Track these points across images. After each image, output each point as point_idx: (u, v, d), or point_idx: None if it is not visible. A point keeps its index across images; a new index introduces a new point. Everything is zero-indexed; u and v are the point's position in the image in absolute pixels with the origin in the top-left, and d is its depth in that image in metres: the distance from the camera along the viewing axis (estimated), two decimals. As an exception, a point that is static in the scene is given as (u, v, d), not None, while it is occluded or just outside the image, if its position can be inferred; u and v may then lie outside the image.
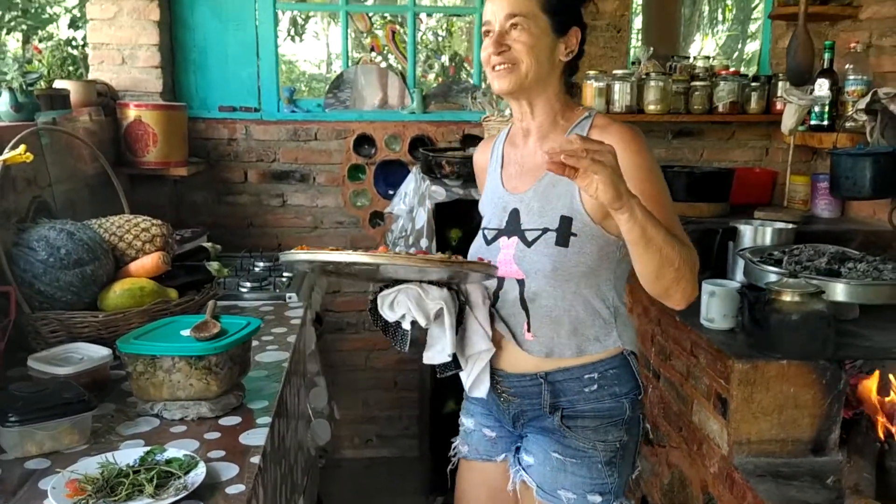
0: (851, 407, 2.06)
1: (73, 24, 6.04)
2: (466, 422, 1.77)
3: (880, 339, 2.09)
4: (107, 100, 2.90)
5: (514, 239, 1.55)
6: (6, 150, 1.85)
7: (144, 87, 3.05)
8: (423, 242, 2.71)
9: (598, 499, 1.56)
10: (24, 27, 5.44)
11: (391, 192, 3.25)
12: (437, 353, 1.51)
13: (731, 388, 1.94)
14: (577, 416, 1.55)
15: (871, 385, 2.07)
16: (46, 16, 5.73)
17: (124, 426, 1.53)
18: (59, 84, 2.57)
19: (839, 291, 2.11)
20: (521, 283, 1.53)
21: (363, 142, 3.30)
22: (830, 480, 1.82)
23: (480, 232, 1.65)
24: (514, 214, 1.57)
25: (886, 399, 2.07)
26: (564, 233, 1.49)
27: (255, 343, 1.88)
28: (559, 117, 1.57)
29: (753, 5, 9.06)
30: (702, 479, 2.14)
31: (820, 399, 1.94)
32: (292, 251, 1.45)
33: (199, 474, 1.29)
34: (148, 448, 1.37)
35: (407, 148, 3.30)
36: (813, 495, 1.79)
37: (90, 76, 3.02)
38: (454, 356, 1.53)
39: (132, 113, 2.84)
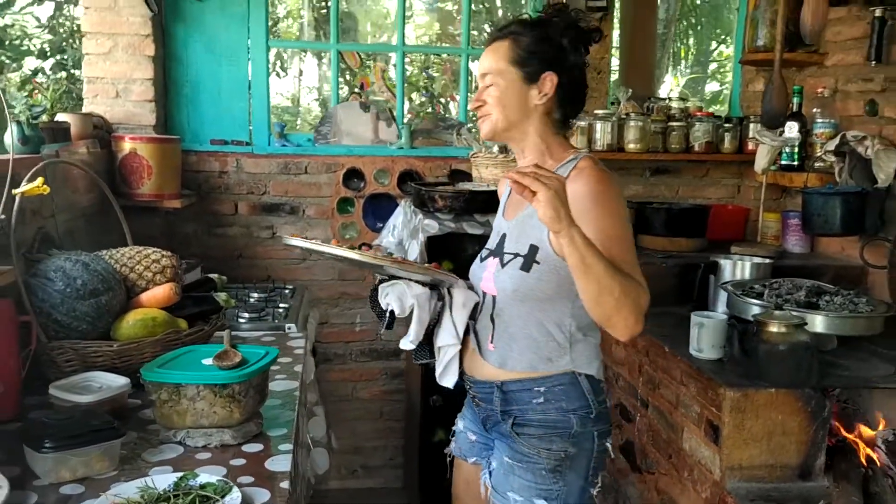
0: (833, 434, 2.17)
1: (42, 55, 6.03)
2: (459, 423, 1.97)
3: (858, 369, 2.22)
4: (102, 132, 2.93)
5: (496, 260, 1.74)
6: (24, 183, 1.89)
7: (138, 121, 3.09)
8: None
9: (543, 503, 1.68)
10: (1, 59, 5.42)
11: (379, 225, 3.32)
12: (406, 341, 1.76)
13: (724, 416, 2.03)
14: (525, 423, 1.70)
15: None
16: (25, 48, 5.72)
17: (149, 453, 1.56)
18: (59, 117, 2.60)
19: (818, 323, 2.23)
20: (493, 299, 1.73)
21: (352, 175, 3.38)
22: None
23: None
24: (503, 238, 1.76)
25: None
26: (529, 259, 1.65)
27: (266, 372, 1.92)
28: (547, 157, 1.70)
29: (712, 48, 9.46)
30: None
31: (806, 426, 2.04)
32: (293, 238, 1.70)
33: (234, 499, 1.33)
34: (181, 474, 1.41)
35: (395, 182, 3.38)
36: (803, 517, 1.89)
37: (84, 109, 3.05)
38: (430, 349, 1.80)
39: (127, 145, 2.87)
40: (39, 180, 1.87)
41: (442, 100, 5.38)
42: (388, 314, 1.72)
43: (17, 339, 1.71)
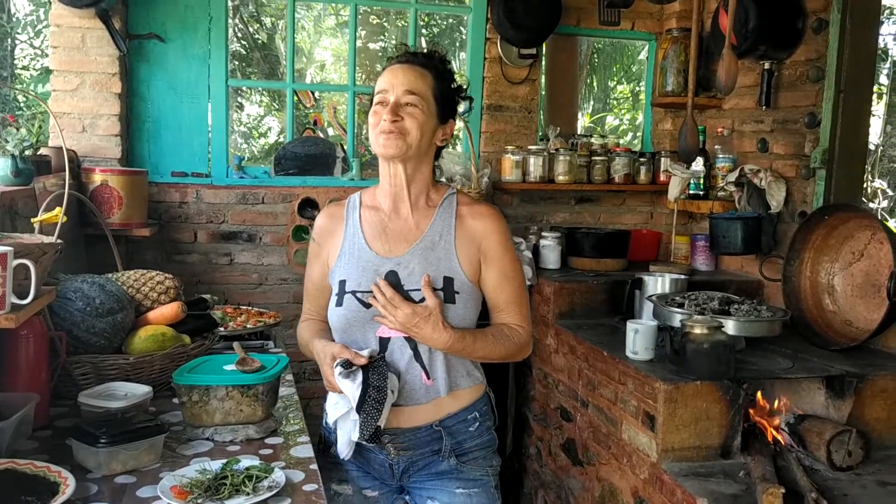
0: (745, 420, 2.56)
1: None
2: (341, 488, 1.84)
3: (763, 364, 2.63)
4: (73, 165, 3.08)
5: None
6: (41, 212, 2.07)
7: (104, 154, 3.25)
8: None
9: None
10: None
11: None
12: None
13: (658, 406, 2.39)
14: (466, 451, 1.78)
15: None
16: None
17: (182, 448, 1.76)
18: (40, 150, 2.75)
19: (731, 327, 2.64)
20: (410, 339, 1.68)
21: (307, 205, 3.62)
22: (742, 474, 2.30)
23: (348, 296, 1.71)
24: (392, 276, 1.69)
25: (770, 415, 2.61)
26: (449, 291, 1.68)
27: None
28: (431, 191, 1.77)
29: (612, 86, 10.19)
30: (632, 486, 2.57)
31: (725, 412, 2.43)
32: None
33: (279, 476, 1.57)
34: (224, 460, 1.63)
35: (347, 211, 3.63)
36: (728, 487, 2.25)
37: (50, 143, 3.18)
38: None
39: (98, 177, 3.03)
40: (57, 210, 2.05)
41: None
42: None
43: (48, 353, 1.88)
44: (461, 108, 1.89)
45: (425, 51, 1.77)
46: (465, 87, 1.81)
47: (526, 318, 1.78)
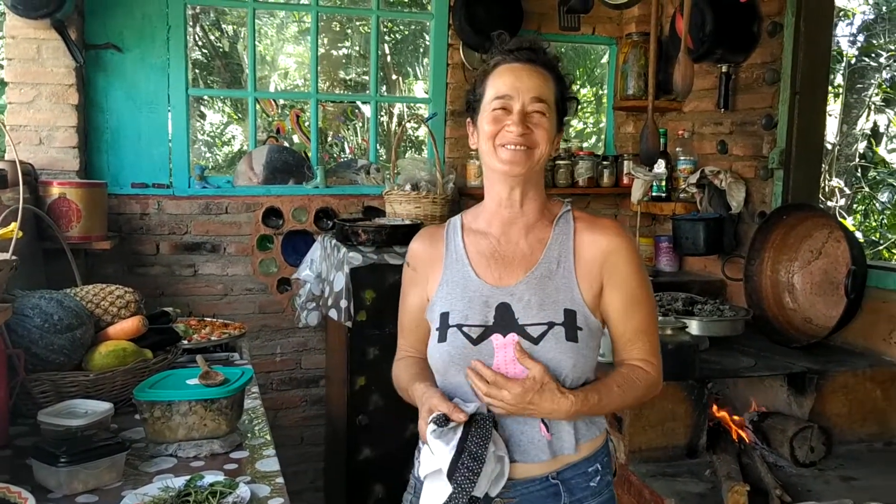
0: (710, 419, 2.60)
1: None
2: None
3: (727, 363, 2.66)
4: (29, 178, 3.02)
5: (513, 336, 1.45)
6: (-5, 227, 2.02)
7: (61, 166, 3.19)
8: (343, 303, 3.02)
9: None
10: None
11: (299, 260, 3.54)
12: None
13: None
14: None
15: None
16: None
17: (145, 465, 1.74)
18: (-4, 164, 2.69)
19: (695, 327, 2.68)
20: None
21: (271, 214, 3.59)
22: (708, 473, 2.32)
23: (452, 330, 1.49)
24: (505, 309, 1.47)
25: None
26: (572, 326, 1.45)
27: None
28: (544, 208, 1.56)
29: (574, 90, 10.30)
30: (601, 488, 2.59)
31: (690, 412, 2.45)
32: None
33: (244, 492, 1.55)
34: (188, 477, 1.61)
35: (312, 219, 3.62)
36: (694, 486, 2.28)
37: (7, 156, 3.12)
38: None
39: (56, 190, 2.97)
40: (13, 225, 2.01)
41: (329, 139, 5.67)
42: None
43: (5, 371, 1.84)
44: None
45: (542, 48, 1.54)
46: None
47: (656, 350, 1.57)
